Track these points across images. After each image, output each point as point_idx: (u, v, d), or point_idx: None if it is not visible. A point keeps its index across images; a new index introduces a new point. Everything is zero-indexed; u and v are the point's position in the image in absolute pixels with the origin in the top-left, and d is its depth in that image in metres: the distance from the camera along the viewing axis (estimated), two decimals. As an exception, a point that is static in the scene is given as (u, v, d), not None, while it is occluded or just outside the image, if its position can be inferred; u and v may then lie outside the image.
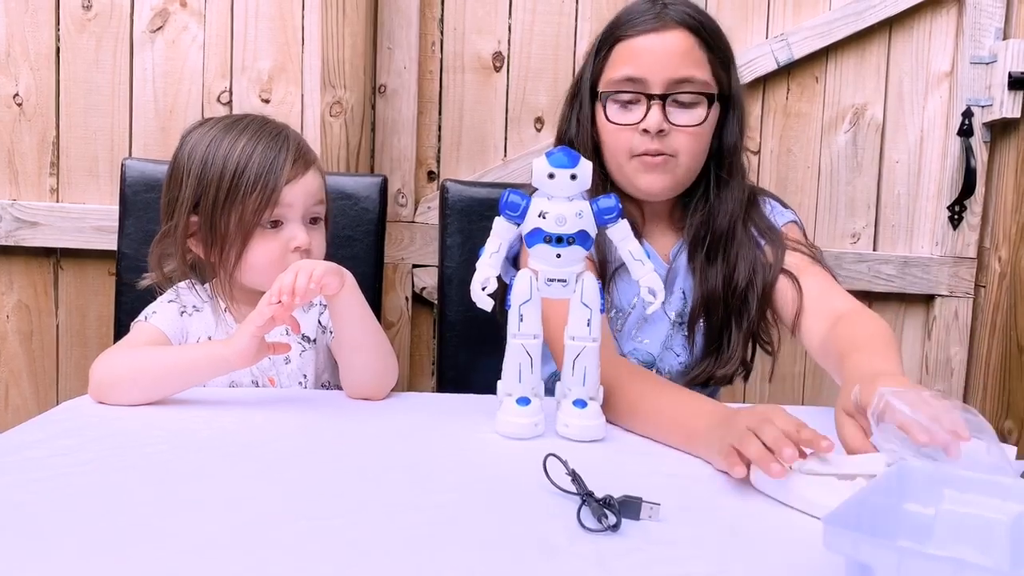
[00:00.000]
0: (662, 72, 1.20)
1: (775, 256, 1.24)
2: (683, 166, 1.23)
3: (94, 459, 0.83)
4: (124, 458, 0.84)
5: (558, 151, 0.94)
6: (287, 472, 0.83)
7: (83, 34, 1.71)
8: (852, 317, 1.14)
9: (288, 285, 0.99)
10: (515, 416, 0.97)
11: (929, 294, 1.90)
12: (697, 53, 1.21)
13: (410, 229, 1.80)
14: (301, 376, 1.20)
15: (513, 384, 0.98)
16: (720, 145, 1.27)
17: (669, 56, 1.20)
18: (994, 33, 1.83)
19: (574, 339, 0.97)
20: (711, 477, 0.86)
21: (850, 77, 1.87)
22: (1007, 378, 1.86)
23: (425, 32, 1.78)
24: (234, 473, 0.82)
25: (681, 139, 1.21)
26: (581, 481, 0.75)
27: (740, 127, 1.29)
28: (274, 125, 1.20)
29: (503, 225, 0.97)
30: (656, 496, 0.74)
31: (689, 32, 1.21)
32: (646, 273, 0.99)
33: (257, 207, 1.13)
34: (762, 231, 1.27)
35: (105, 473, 0.80)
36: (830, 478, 0.75)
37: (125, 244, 1.42)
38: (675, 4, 1.23)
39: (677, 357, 1.30)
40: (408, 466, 0.86)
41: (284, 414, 1.02)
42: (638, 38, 1.22)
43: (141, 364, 1.05)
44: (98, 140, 1.74)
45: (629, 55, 1.22)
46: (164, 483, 0.78)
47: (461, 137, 1.82)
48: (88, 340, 1.78)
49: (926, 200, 1.90)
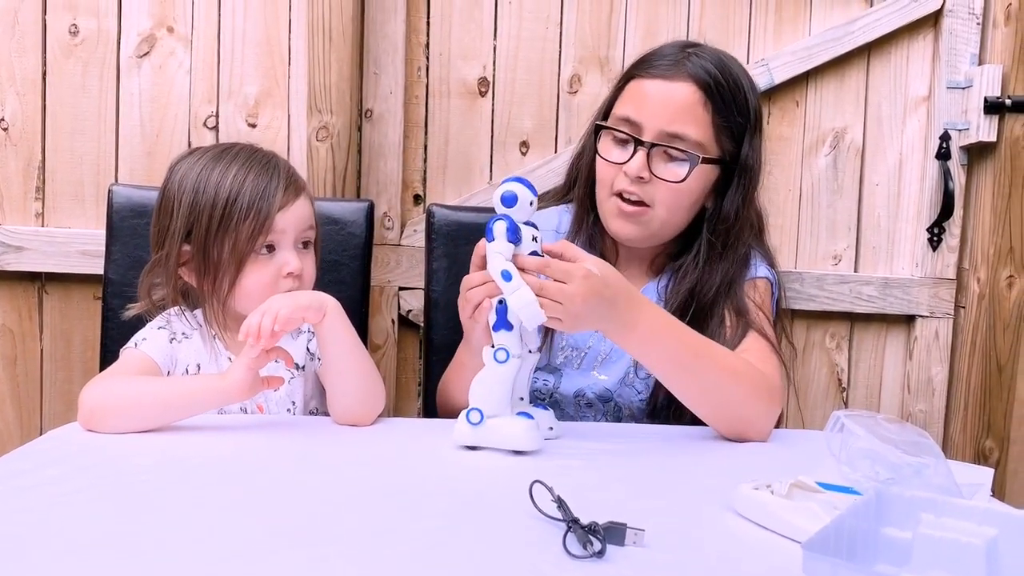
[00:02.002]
0: (657, 121, 1.18)
1: (733, 336, 1.21)
2: (658, 219, 1.22)
3: (82, 489, 0.83)
4: (112, 488, 0.84)
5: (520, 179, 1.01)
6: (275, 500, 0.83)
7: (70, 59, 1.72)
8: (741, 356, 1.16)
9: (253, 327, 1.01)
10: (526, 430, 1.01)
11: (910, 315, 1.93)
12: (699, 112, 1.18)
13: (396, 252, 1.81)
14: (289, 403, 1.21)
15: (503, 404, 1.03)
16: (718, 211, 1.24)
17: (668, 107, 1.18)
18: (969, 58, 1.87)
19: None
20: (695, 501, 0.87)
21: (830, 101, 1.90)
22: (987, 398, 1.88)
23: (411, 58, 1.80)
24: (222, 502, 0.82)
25: (661, 191, 1.19)
26: (567, 507, 0.76)
27: (744, 198, 1.23)
28: (263, 153, 1.22)
29: (507, 247, 0.99)
30: (641, 521, 0.75)
31: (698, 88, 1.18)
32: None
33: (251, 233, 1.14)
34: (732, 310, 1.23)
35: (93, 504, 0.80)
36: (811, 504, 0.76)
37: (112, 270, 1.42)
38: (700, 56, 1.20)
39: (639, 394, 1.30)
40: (395, 492, 0.86)
41: (272, 442, 1.03)
42: (648, 80, 1.20)
43: (136, 394, 1.05)
44: (84, 164, 1.74)
45: (635, 95, 1.22)
46: (152, 513, 0.79)
47: (447, 161, 1.83)
48: (73, 365, 1.77)
49: (906, 222, 1.93)
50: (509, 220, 0.99)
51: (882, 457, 0.74)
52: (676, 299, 1.24)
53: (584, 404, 1.31)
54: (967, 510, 0.68)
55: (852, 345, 1.96)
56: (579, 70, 1.83)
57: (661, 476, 0.97)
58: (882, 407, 1.97)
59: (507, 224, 0.98)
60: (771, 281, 1.32)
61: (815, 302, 1.89)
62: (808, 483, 0.78)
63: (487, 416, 1.00)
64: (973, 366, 1.89)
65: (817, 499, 0.76)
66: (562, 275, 0.99)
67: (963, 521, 0.67)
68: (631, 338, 1.06)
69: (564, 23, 1.82)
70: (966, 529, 0.67)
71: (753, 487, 0.79)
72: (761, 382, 1.12)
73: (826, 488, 0.78)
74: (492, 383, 1.00)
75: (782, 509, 0.77)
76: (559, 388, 1.31)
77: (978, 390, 1.89)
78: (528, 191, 1.00)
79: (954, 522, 0.67)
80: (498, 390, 1.00)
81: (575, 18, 1.82)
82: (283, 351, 1.07)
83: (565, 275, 0.99)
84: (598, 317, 1.02)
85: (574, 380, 1.30)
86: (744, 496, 0.80)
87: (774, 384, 1.15)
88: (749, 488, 0.80)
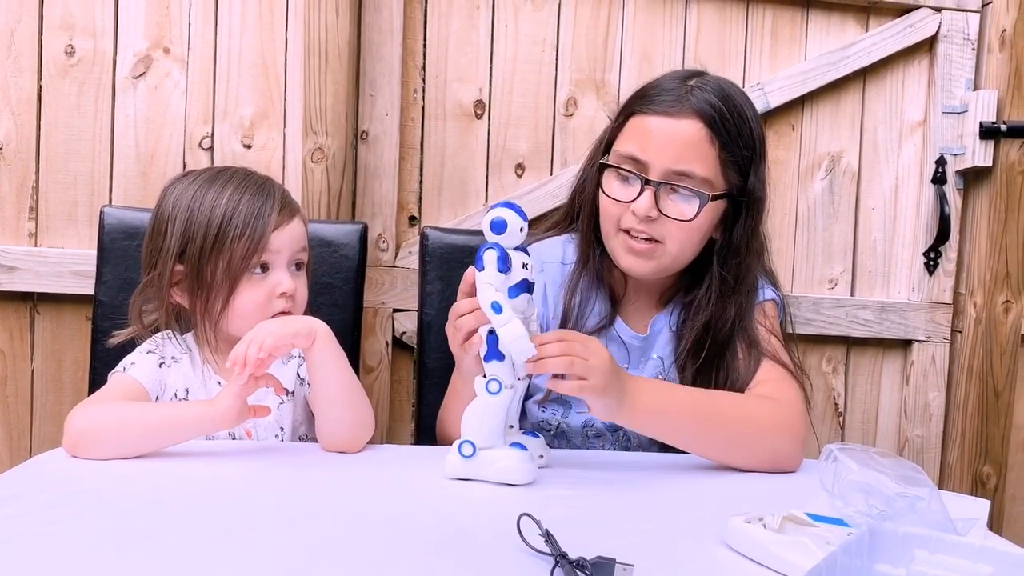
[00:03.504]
0: (664, 160, 1.15)
1: (746, 369, 1.21)
2: (669, 255, 1.19)
3: (64, 519, 0.82)
4: (95, 518, 0.83)
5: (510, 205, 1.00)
6: (259, 531, 0.82)
7: (65, 80, 1.72)
8: (757, 398, 1.16)
9: (240, 355, 1.01)
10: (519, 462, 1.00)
11: (907, 339, 1.92)
12: (705, 148, 1.16)
13: (391, 273, 1.81)
14: (278, 429, 1.20)
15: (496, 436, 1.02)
16: (727, 243, 1.22)
17: (674, 145, 1.15)
18: (964, 83, 1.87)
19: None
20: (685, 535, 0.86)
21: (826, 125, 1.90)
22: (984, 423, 1.87)
23: (407, 80, 1.80)
24: (204, 534, 0.81)
25: (670, 228, 1.17)
26: (554, 542, 0.75)
27: (753, 229, 1.22)
28: (258, 176, 1.22)
29: (497, 277, 0.98)
30: (630, 556, 0.74)
31: (704, 124, 1.15)
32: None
33: (245, 253, 1.13)
34: (744, 342, 1.23)
35: (75, 535, 0.79)
36: (803, 539, 0.75)
37: (102, 292, 1.41)
38: (703, 88, 1.17)
39: None
40: (380, 523, 0.85)
41: (258, 470, 1.01)
42: (651, 117, 1.17)
43: (122, 420, 1.04)
44: (78, 185, 1.73)
45: (639, 132, 1.18)
46: (134, 545, 0.77)
47: (443, 182, 1.83)
48: (64, 386, 1.76)
49: (902, 246, 1.93)
50: (500, 249, 0.97)
51: (875, 490, 0.73)
52: (691, 335, 1.22)
53: (592, 434, 1.30)
54: (962, 547, 0.67)
55: (848, 369, 1.95)
56: (575, 93, 1.83)
57: (651, 507, 0.95)
58: (879, 432, 1.96)
59: (497, 253, 0.97)
60: (777, 303, 1.32)
61: (811, 326, 1.89)
62: (800, 516, 0.77)
63: (480, 448, 0.99)
64: (970, 391, 1.88)
65: (809, 533, 0.75)
66: (582, 350, 0.99)
67: (958, 558, 0.66)
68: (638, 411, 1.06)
69: (560, 46, 1.83)
70: (961, 567, 0.65)
71: (745, 520, 0.78)
72: (781, 416, 1.13)
73: (817, 520, 0.77)
74: (485, 414, 0.99)
75: (774, 544, 0.76)
76: (567, 419, 1.29)
77: (975, 416, 1.88)
78: (518, 217, 0.99)
79: (949, 559, 0.66)
80: (490, 422, 0.99)
81: (571, 41, 1.83)
82: (272, 378, 1.06)
83: (584, 350, 0.99)
84: (616, 390, 1.02)
85: (582, 410, 1.27)
86: (736, 530, 0.79)
87: (795, 412, 1.15)
88: (741, 521, 0.78)
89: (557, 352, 0.97)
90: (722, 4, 1.85)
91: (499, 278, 0.97)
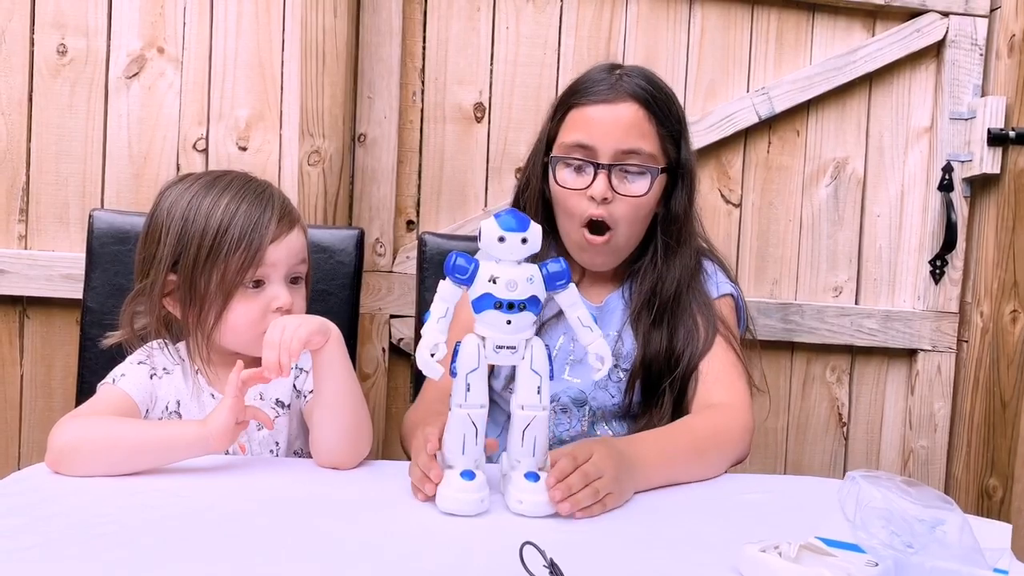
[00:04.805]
0: (611, 143, 1.22)
1: (706, 333, 1.26)
2: (623, 235, 1.26)
3: (40, 544, 0.78)
4: (72, 542, 0.78)
5: (507, 213, 0.92)
6: (248, 557, 0.78)
7: (57, 79, 1.68)
8: (712, 410, 1.19)
9: (274, 364, 0.98)
10: (459, 491, 0.91)
11: (912, 348, 1.89)
12: (646, 126, 1.24)
13: (388, 279, 1.77)
14: (273, 443, 1.16)
15: (456, 456, 0.93)
16: (668, 213, 1.29)
17: (618, 127, 1.23)
18: (972, 89, 1.85)
19: (523, 408, 0.93)
20: (698, 563, 0.82)
21: (831, 131, 1.87)
22: (991, 434, 1.84)
23: (406, 82, 1.77)
24: (189, 558, 0.77)
25: (623, 208, 1.24)
26: (559, 573, 0.71)
27: (689, 196, 1.31)
28: (258, 183, 1.17)
29: (449, 289, 0.93)
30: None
31: (640, 105, 1.23)
32: (594, 340, 0.97)
33: (240, 266, 1.09)
34: (699, 305, 1.29)
35: (49, 561, 0.74)
36: (823, 570, 0.71)
37: (91, 298, 1.37)
38: (630, 75, 1.26)
39: (612, 398, 1.29)
40: (375, 547, 0.81)
41: (250, 488, 0.97)
42: (590, 107, 1.24)
43: (110, 437, 0.99)
44: (69, 187, 1.70)
45: (581, 122, 1.25)
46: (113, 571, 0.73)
47: (441, 187, 1.80)
48: (53, 392, 1.72)
49: (908, 254, 1.90)
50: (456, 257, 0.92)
51: (897, 517, 0.69)
52: (639, 299, 1.29)
53: (559, 409, 1.29)
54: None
55: (853, 379, 1.92)
56: (577, 96, 1.79)
57: (661, 533, 0.91)
58: (883, 443, 1.93)
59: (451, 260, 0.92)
60: (735, 298, 1.35)
61: (815, 335, 1.86)
62: (818, 545, 0.73)
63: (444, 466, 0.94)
64: (976, 402, 1.85)
65: (828, 563, 0.71)
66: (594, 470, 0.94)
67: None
68: (649, 471, 1.04)
69: (562, 49, 1.79)
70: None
71: (760, 549, 0.74)
72: (739, 428, 1.18)
73: (832, 545, 0.73)
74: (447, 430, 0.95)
75: (790, 573, 0.72)
76: None
77: (981, 426, 1.85)
78: (496, 227, 0.91)
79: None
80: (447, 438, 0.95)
81: (573, 44, 1.79)
82: (261, 413, 1.03)
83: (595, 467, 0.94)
84: (627, 479, 0.99)
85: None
86: (750, 559, 0.75)
87: (748, 415, 1.21)
88: (755, 550, 0.75)
89: (581, 485, 0.92)
90: (727, 7, 1.82)
91: (451, 287, 0.93)
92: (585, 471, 0.93)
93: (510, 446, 0.95)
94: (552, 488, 0.91)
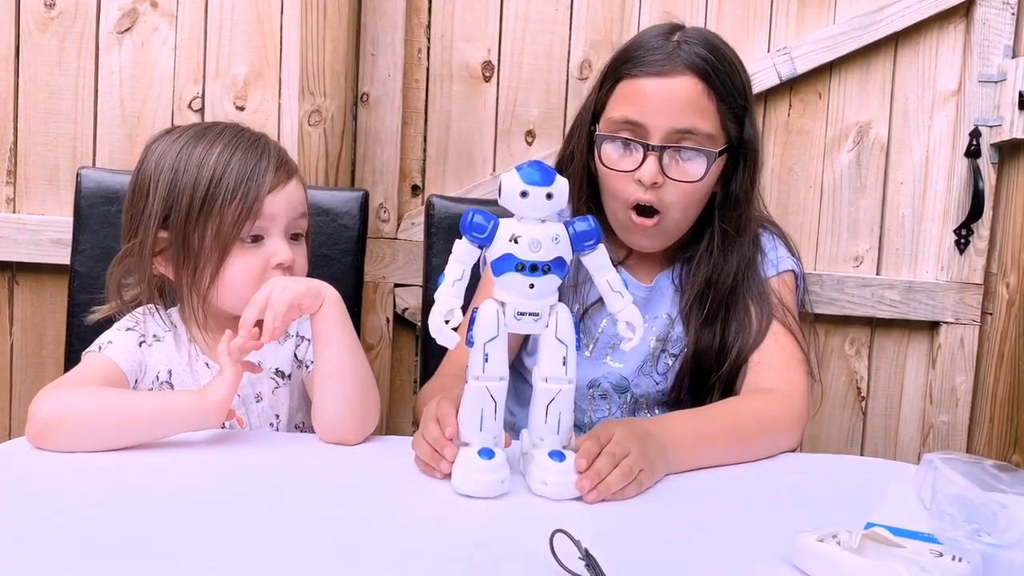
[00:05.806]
0: (664, 121, 1.10)
1: (759, 324, 1.17)
2: (673, 220, 1.16)
3: (16, 528, 0.71)
4: (52, 525, 0.72)
5: (530, 166, 0.83)
6: (249, 539, 0.72)
7: (45, 34, 1.61)
8: (760, 394, 1.12)
9: (249, 322, 0.91)
10: (477, 472, 0.84)
11: (934, 321, 1.82)
12: (704, 103, 1.11)
13: (392, 246, 1.70)
14: (273, 416, 1.09)
15: (473, 433, 0.86)
16: (727, 196, 1.18)
17: (673, 104, 1.11)
18: (1003, 51, 1.77)
19: (547, 380, 0.86)
20: (748, 553, 0.75)
21: (854, 94, 1.79)
22: (1015, 410, 1.78)
23: (411, 39, 1.69)
24: (180, 544, 0.70)
25: (675, 192, 1.13)
26: (596, 565, 0.63)
27: (752, 179, 1.19)
28: (251, 133, 1.10)
29: (465, 249, 0.86)
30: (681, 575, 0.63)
31: (699, 78, 1.11)
32: (625, 306, 0.89)
33: (236, 218, 1.02)
34: (754, 296, 1.19)
35: (26, 548, 0.68)
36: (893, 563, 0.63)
37: (79, 262, 1.30)
38: (689, 42, 1.12)
39: (656, 385, 1.22)
40: (386, 534, 0.75)
41: (248, 466, 0.90)
42: (642, 79, 1.12)
43: (96, 409, 0.92)
44: (59, 147, 1.62)
45: (632, 97, 1.13)
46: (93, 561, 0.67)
47: (448, 150, 1.72)
48: (44, 361, 1.66)
49: (931, 223, 1.83)
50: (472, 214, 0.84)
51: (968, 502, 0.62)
52: (693, 290, 1.19)
53: (598, 395, 1.23)
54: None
55: (872, 352, 1.86)
56: (590, 55, 1.72)
57: (707, 520, 0.84)
58: (902, 418, 1.87)
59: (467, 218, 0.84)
60: (796, 274, 1.26)
61: (835, 306, 1.79)
62: (883, 534, 0.66)
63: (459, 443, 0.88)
64: (1000, 376, 1.80)
65: (897, 555, 0.64)
66: (620, 448, 0.87)
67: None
68: (682, 452, 0.97)
69: (575, 4, 1.71)
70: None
71: (817, 538, 0.67)
72: (788, 415, 1.09)
73: (898, 534, 0.66)
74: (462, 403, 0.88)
75: (856, 568, 0.64)
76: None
77: (1005, 402, 1.79)
78: (518, 180, 0.82)
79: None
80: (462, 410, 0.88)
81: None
82: (248, 364, 0.97)
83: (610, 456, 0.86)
84: (657, 457, 0.92)
85: (586, 369, 1.21)
86: (806, 548, 0.68)
87: (801, 403, 1.12)
88: (812, 539, 0.67)
89: (609, 467, 0.85)
90: (748, -39, 1.74)
91: (467, 247, 0.85)
92: (611, 452, 0.87)
93: (532, 422, 0.88)
94: (582, 477, 0.84)
